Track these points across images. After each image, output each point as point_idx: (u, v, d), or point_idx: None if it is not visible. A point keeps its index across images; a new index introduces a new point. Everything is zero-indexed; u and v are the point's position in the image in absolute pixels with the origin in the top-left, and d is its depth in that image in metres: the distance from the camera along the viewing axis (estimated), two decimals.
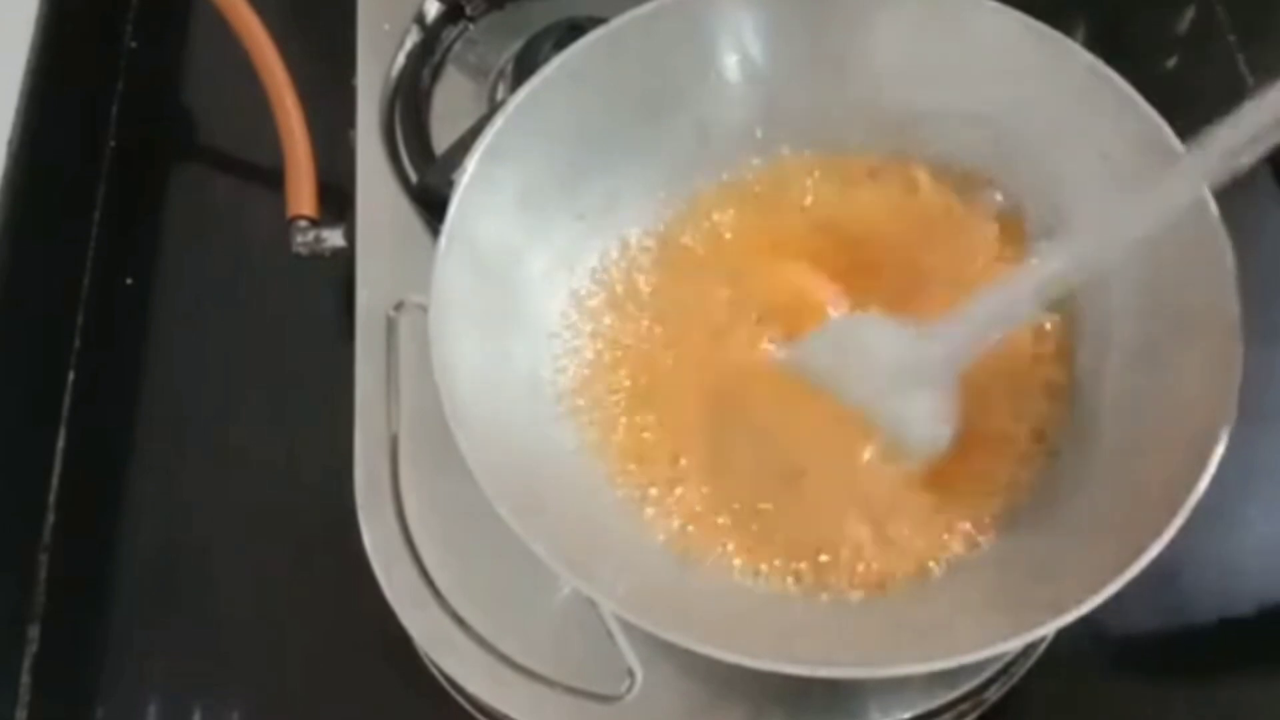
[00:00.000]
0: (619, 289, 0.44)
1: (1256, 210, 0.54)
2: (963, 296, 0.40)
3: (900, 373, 0.40)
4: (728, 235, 0.45)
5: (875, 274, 0.43)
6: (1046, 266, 0.38)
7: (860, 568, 0.39)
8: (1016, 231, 0.43)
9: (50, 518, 0.50)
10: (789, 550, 0.40)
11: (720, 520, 0.40)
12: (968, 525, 0.40)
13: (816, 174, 0.45)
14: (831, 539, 0.40)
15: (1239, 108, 0.33)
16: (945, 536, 0.39)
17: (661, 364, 0.43)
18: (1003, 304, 0.38)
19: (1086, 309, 0.42)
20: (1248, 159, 0.33)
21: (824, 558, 0.39)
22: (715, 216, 0.45)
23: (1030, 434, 0.41)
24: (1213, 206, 0.37)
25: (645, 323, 0.44)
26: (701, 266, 0.45)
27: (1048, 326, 0.42)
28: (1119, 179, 0.40)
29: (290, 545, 0.48)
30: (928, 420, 0.40)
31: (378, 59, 0.53)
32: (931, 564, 0.39)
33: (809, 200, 0.45)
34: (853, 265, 0.44)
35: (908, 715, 0.40)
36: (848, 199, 0.45)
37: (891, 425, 0.40)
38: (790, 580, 0.39)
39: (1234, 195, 0.38)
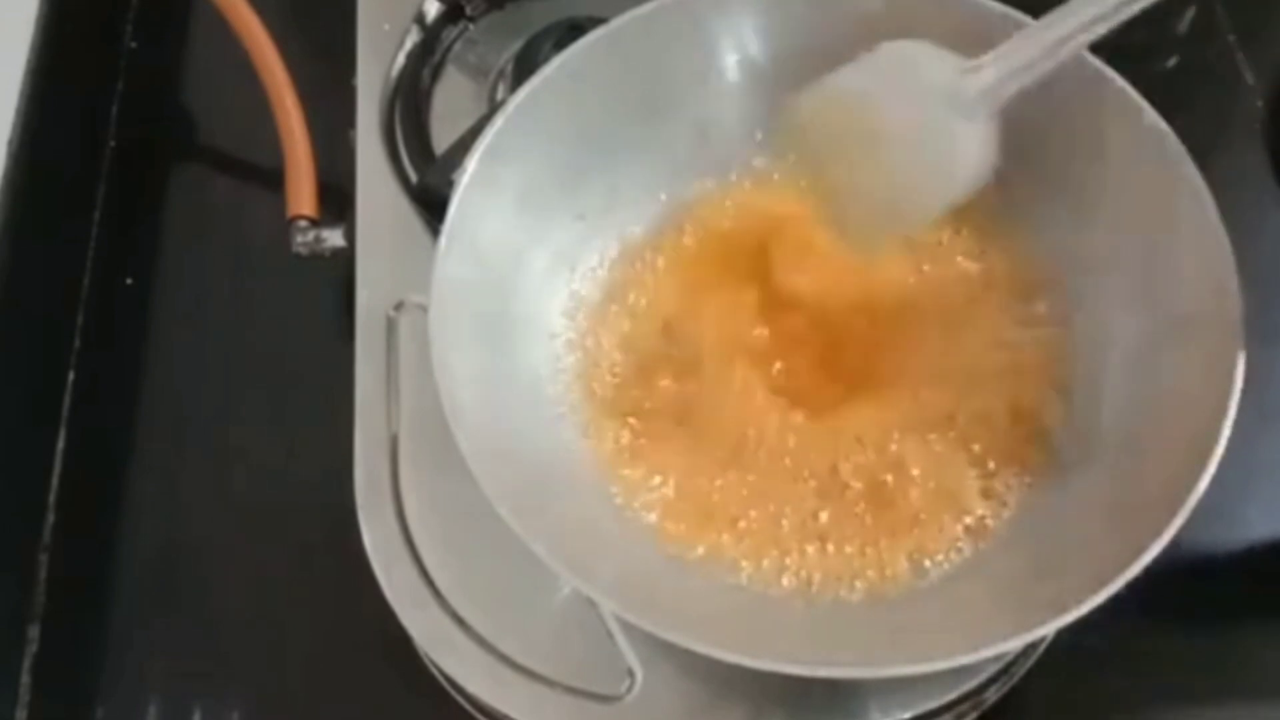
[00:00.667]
0: (619, 289, 0.44)
1: (1256, 210, 0.54)
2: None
3: (945, 96, 0.38)
4: (728, 236, 0.45)
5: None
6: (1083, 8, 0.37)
7: (859, 567, 0.39)
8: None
9: (50, 518, 0.50)
10: (787, 549, 0.40)
11: (720, 519, 0.40)
12: (967, 525, 0.40)
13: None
14: (831, 539, 0.40)
15: None
16: (945, 536, 0.39)
17: (661, 363, 0.43)
18: (1047, 39, 0.38)
19: (1086, 309, 0.42)
20: None
21: (823, 557, 0.39)
22: (715, 217, 0.45)
23: (1030, 434, 0.41)
24: (1213, 209, 0.38)
25: (645, 322, 0.44)
26: (701, 266, 0.45)
27: (1041, 309, 0.42)
28: (1120, 178, 0.40)
29: (290, 545, 0.48)
30: (970, 146, 0.38)
31: (378, 59, 0.53)
32: (931, 564, 0.39)
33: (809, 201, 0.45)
34: (851, 266, 0.44)
35: (908, 715, 0.40)
36: None
37: (934, 149, 0.39)
38: (789, 579, 0.39)
39: (1234, 195, 0.38)
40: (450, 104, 0.52)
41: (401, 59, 0.53)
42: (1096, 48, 0.40)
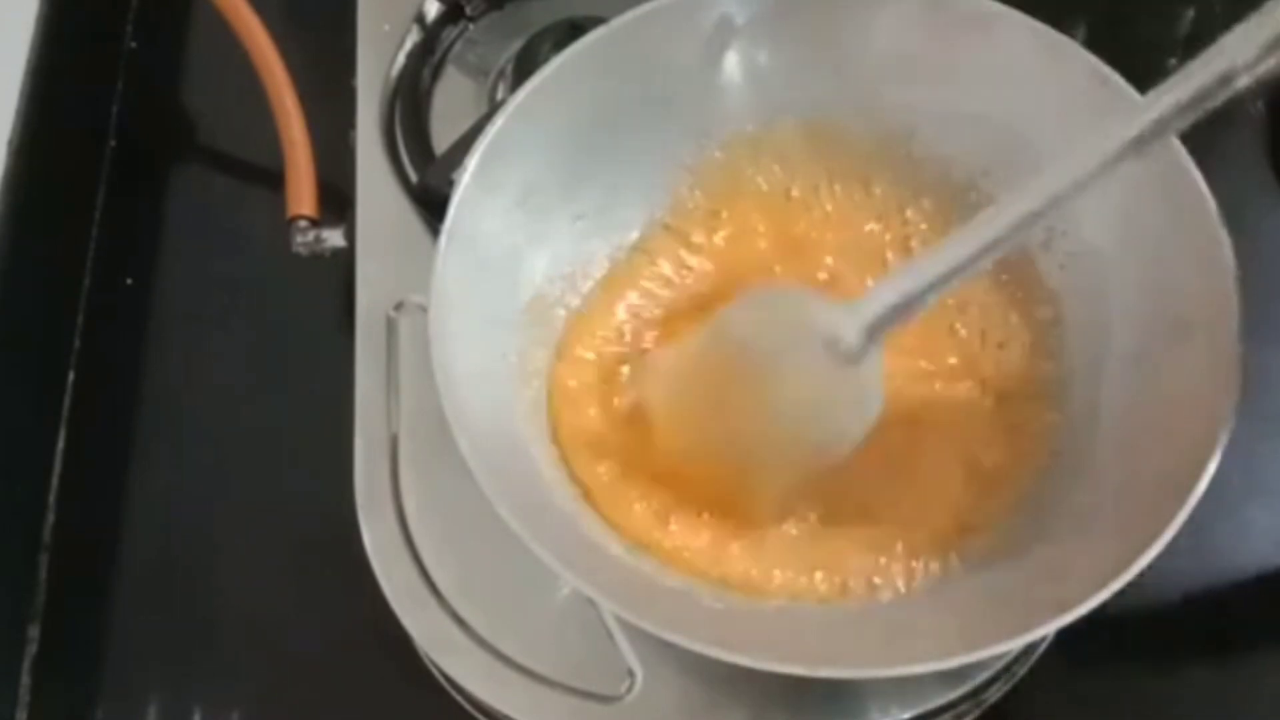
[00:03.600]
0: (618, 289, 0.44)
1: (1256, 210, 0.54)
2: None
3: (824, 344, 0.37)
4: (728, 236, 0.45)
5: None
6: (975, 233, 0.35)
7: (858, 567, 0.39)
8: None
9: (50, 518, 0.50)
10: (785, 550, 0.40)
11: (720, 520, 0.40)
12: (967, 525, 0.40)
13: (816, 175, 0.45)
14: (831, 540, 0.40)
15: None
16: (945, 536, 0.39)
17: (662, 364, 0.43)
18: (928, 271, 0.36)
19: (1086, 309, 0.42)
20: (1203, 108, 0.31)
21: (823, 556, 0.39)
22: (714, 217, 0.45)
23: (1030, 434, 0.41)
24: (1213, 207, 0.38)
25: (645, 322, 0.44)
26: (701, 266, 0.45)
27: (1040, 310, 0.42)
28: (1120, 179, 0.40)
29: (290, 545, 0.48)
30: (858, 390, 0.38)
31: (378, 59, 0.53)
32: (930, 564, 0.39)
33: (808, 200, 0.45)
34: (849, 266, 0.44)
35: (908, 715, 0.40)
36: (847, 203, 0.45)
37: (816, 401, 0.38)
38: (791, 580, 0.39)
39: (1234, 195, 0.38)
40: (450, 104, 0.52)
41: (401, 59, 0.53)
42: (1097, 48, 0.40)
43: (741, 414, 0.39)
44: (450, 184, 0.42)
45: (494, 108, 0.50)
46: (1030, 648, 0.43)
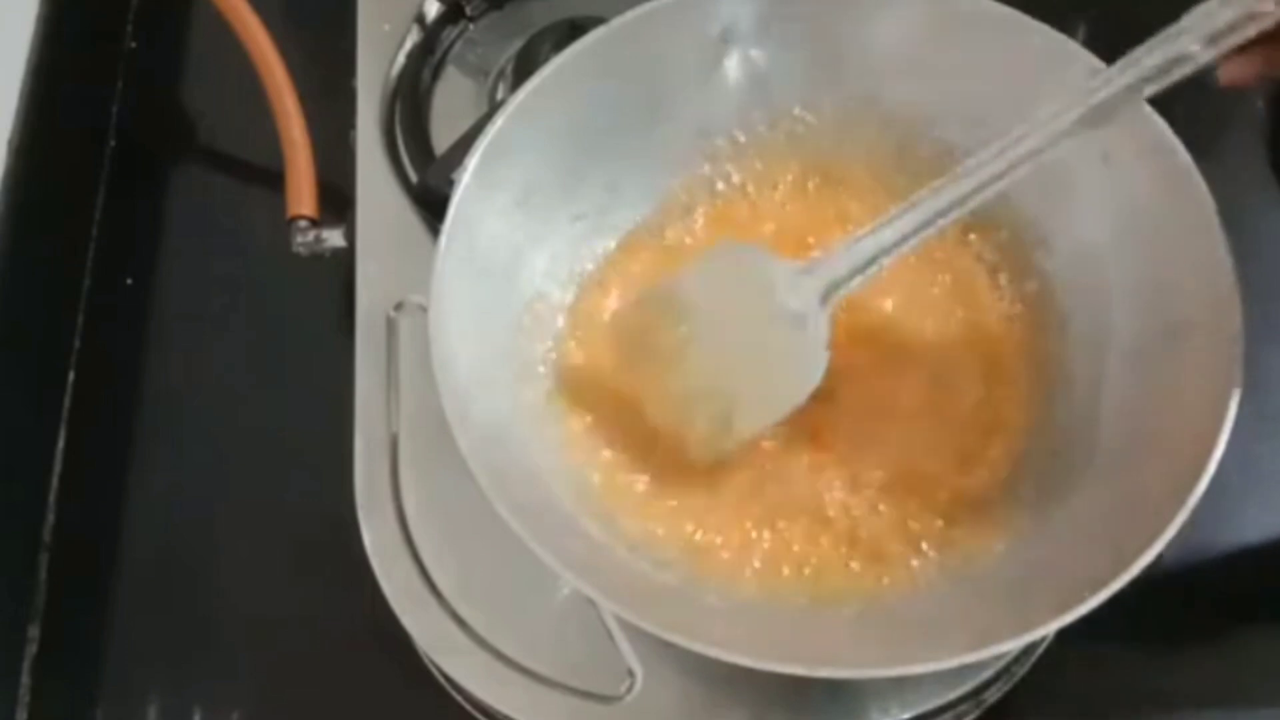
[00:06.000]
0: (618, 289, 0.44)
1: (1256, 210, 0.54)
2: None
3: (777, 303, 0.38)
4: (728, 235, 0.45)
5: None
6: (937, 195, 0.37)
7: (860, 567, 0.39)
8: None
9: (50, 518, 0.50)
10: (785, 548, 0.40)
11: (720, 521, 0.40)
12: (967, 525, 0.40)
13: (817, 177, 0.45)
14: (831, 541, 0.40)
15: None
16: (945, 536, 0.39)
17: (662, 363, 0.43)
18: (885, 236, 0.37)
19: (1086, 309, 0.42)
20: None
21: (824, 556, 0.39)
22: (714, 216, 0.45)
23: (1030, 435, 0.41)
24: (1213, 209, 0.38)
25: (645, 322, 0.44)
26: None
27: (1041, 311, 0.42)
28: (1120, 179, 0.40)
29: (290, 545, 0.48)
30: (803, 354, 0.38)
31: (378, 59, 0.53)
32: (930, 564, 0.39)
33: (808, 202, 0.45)
34: None
35: (908, 715, 0.40)
36: (845, 202, 0.45)
37: (765, 360, 0.39)
38: (790, 580, 0.39)
39: (1234, 195, 0.38)
40: (450, 104, 0.53)
41: (401, 59, 0.53)
42: (1097, 48, 0.40)
43: (690, 367, 0.39)
44: (450, 184, 0.42)
45: (494, 108, 0.50)
46: (1030, 648, 0.43)
